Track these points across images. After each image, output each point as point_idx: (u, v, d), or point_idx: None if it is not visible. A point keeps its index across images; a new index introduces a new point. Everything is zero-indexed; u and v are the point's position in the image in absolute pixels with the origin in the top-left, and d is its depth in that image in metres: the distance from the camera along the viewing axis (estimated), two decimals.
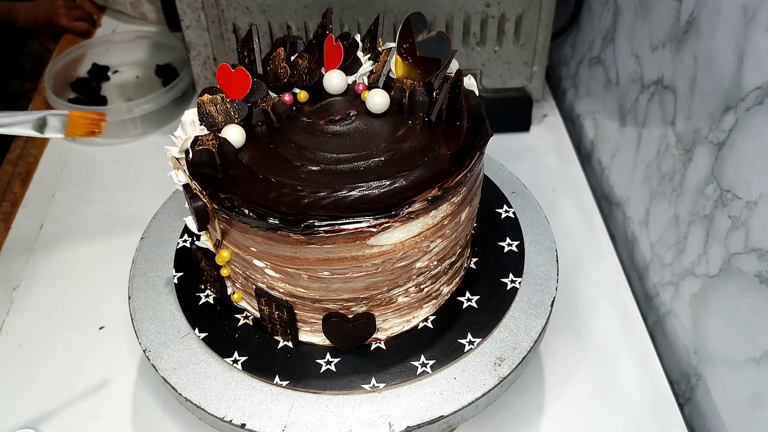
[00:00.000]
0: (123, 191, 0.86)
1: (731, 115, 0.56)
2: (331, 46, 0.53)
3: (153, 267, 0.59)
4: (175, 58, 1.03)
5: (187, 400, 0.50)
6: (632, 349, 0.68)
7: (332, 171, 0.47)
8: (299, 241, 0.45)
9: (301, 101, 0.53)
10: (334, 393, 0.50)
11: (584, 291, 0.73)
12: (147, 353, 0.53)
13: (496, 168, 0.67)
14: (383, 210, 0.44)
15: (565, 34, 0.95)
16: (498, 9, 0.80)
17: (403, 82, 0.52)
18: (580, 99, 0.94)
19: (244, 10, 0.78)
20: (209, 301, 0.56)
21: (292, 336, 0.52)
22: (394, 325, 0.53)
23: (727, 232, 0.58)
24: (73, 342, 0.69)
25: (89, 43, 1.05)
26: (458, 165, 0.47)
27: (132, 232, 0.65)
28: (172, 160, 0.49)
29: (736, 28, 0.54)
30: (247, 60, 0.53)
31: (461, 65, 0.62)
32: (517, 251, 0.59)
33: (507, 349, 0.52)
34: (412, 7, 0.77)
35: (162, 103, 0.92)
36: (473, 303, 0.55)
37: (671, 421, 0.62)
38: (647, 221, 0.73)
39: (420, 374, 0.50)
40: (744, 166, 0.55)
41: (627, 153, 0.78)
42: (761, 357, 0.54)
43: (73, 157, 0.91)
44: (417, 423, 0.48)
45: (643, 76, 0.73)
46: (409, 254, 0.48)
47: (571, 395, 0.64)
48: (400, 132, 0.50)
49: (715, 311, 0.61)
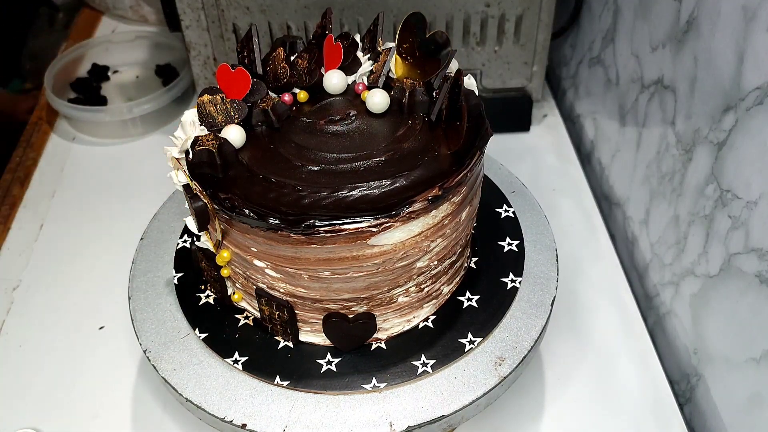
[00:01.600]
0: (123, 191, 0.86)
1: (731, 115, 0.56)
2: (331, 46, 0.53)
3: (153, 267, 0.59)
4: (175, 58, 1.02)
5: (187, 400, 0.50)
6: (632, 349, 0.68)
7: (332, 171, 0.47)
8: (300, 241, 0.45)
9: (301, 101, 0.53)
10: (335, 393, 0.50)
11: (584, 291, 0.73)
12: (147, 354, 0.53)
13: (496, 168, 0.67)
14: (384, 210, 0.44)
15: (565, 34, 0.95)
16: (498, 9, 0.80)
17: (403, 82, 0.52)
18: (580, 99, 0.94)
19: (244, 10, 0.78)
20: (209, 302, 0.56)
21: (292, 336, 0.52)
22: (395, 325, 0.53)
23: (727, 232, 0.58)
24: (73, 342, 0.69)
25: (89, 43, 1.05)
26: (458, 165, 0.47)
27: (132, 232, 0.65)
28: (172, 161, 0.49)
29: (736, 28, 0.54)
30: (247, 60, 0.53)
31: (461, 65, 0.62)
32: (516, 251, 0.59)
33: (507, 349, 0.52)
34: (412, 7, 0.77)
35: (162, 103, 0.92)
36: (473, 303, 0.55)
37: (671, 421, 0.62)
38: (647, 221, 0.73)
39: (421, 374, 0.50)
40: (744, 166, 0.55)
41: (627, 153, 0.78)
42: (761, 357, 0.54)
43: (73, 157, 0.91)
44: (418, 423, 0.48)
45: (643, 76, 0.73)
46: (409, 254, 0.48)
47: (571, 395, 0.64)
48: (400, 132, 0.50)
49: (715, 311, 0.61)
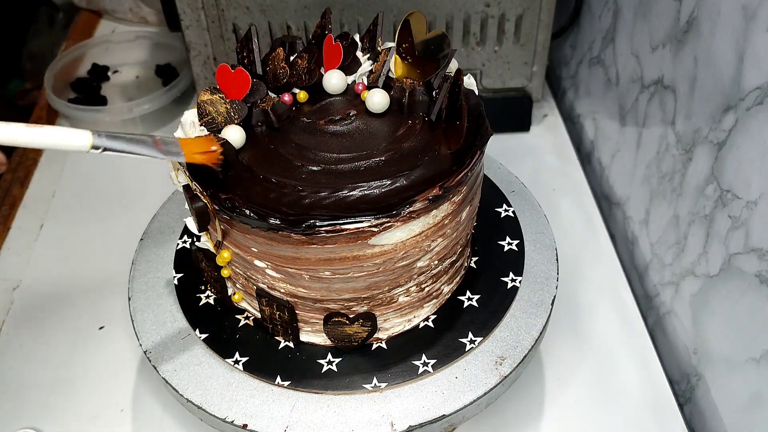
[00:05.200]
0: (123, 191, 0.86)
1: (731, 115, 0.56)
2: (331, 46, 0.53)
3: (153, 268, 0.59)
4: (175, 58, 1.02)
5: (188, 401, 0.50)
6: (632, 349, 0.68)
7: (333, 171, 0.47)
8: (300, 242, 0.45)
9: (300, 101, 0.53)
10: (336, 393, 0.50)
11: (584, 291, 0.73)
12: (148, 354, 0.53)
13: (496, 167, 0.67)
14: (384, 210, 0.44)
15: (565, 34, 0.95)
16: (498, 9, 0.80)
17: (402, 82, 0.52)
18: (580, 99, 0.94)
19: (244, 10, 0.78)
20: (210, 302, 0.56)
21: (293, 336, 0.52)
22: (395, 325, 0.53)
23: (727, 232, 0.58)
24: (73, 342, 0.69)
25: (89, 43, 1.05)
26: (459, 164, 0.47)
27: (132, 233, 0.65)
28: (172, 161, 0.49)
29: (736, 28, 0.54)
30: (247, 60, 0.53)
31: (461, 65, 0.62)
32: (517, 250, 0.59)
33: (508, 348, 0.52)
34: (412, 7, 0.77)
35: (162, 103, 0.92)
36: (474, 302, 0.55)
37: (671, 421, 0.62)
38: (647, 221, 0.74)
39: (421, 373, 0.50)
40: (744, 166, 0.55)
41: (627, 153, 0.78)
42: (761, 357, 0.54)
43: (73, 157, 0.91)
44: (419, 422, 0.48)
45: (643, 76, 0.73)
46: (410, 254, 0.48)
47: (571, 395, 0.64)
48: (400, 131, 0.50)
49: (715, 311, 0.61)
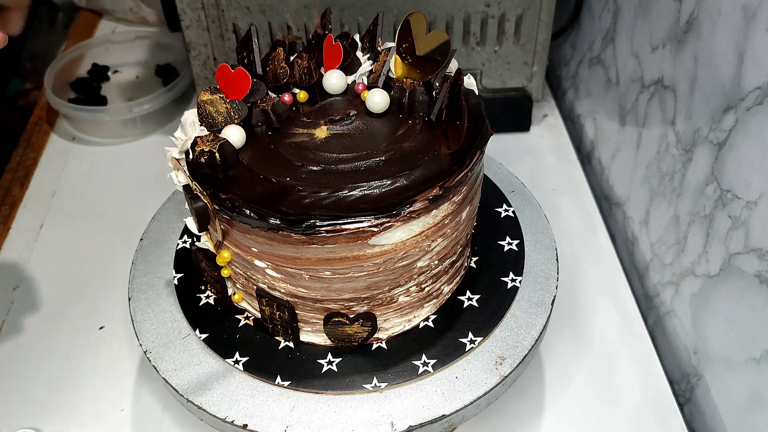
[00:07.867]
0: (123, 191, 0.86)
1: (731, 115, 0.56)
2: (331, 46, 0.53)
3: (153, 268, 0.59)
4: (175, 58, 1.02)
5: (188, 401, 0.50)
6: (632, 349, 0.68)
7: (333, 171, 0.47)
8: (300, 241, 0.45)
9: (300, 101, 0.53)
10: (336, 393, 0.50)
11: (584, 291, 0.73)
12: (148, 355, 0.53)
13: (495, 167, 0.67)
14: (384, 209, 0.44)
15: (565, 34, 0.95)
16: (498, 9, 0.80)
17: (402, 82, 0.52)
18: (580, 99, 0.94)
19: (244, 10, 0.78)
20: (210, 302, 0.56)
21: (293, 336, 0.52)
22: (395, 325, 0.53)
23: (727, 232, 0.58)
24: (73, 342, 0.69)
25: (89, 43, 1.05)
26: (459, 164, 0.47)
27: (132, 233, 0.65)
28: (172, 161, 0.49)
29: (736, 28, 0.54)
30: (247, 60, 0.53)
31: (461, 65, 0.62)
32: (516, 250, 0.59)
33: (508, 348, 0.52)
34: (412, 7, 0.78)
35: (162, 103, 0.92)
36: (474, 302, 0.55)
37: (671, 421, 0.62)
38: (647, 221, 0.74)
39: (421, 373, 0.50)
40: (744, 166, 0.55)
41: (627, 153, 0.78)
42: (761, 357, 0.54)
43: (73, 157, 0.91)
44: (419, 422, 0.48)
45: (643, 76, 0.73)
46: (410, 254, 0.48)
47: (571, 395, 0.64)
48: (400, 131, 0.50)
49: (715, 311, 0.61)
